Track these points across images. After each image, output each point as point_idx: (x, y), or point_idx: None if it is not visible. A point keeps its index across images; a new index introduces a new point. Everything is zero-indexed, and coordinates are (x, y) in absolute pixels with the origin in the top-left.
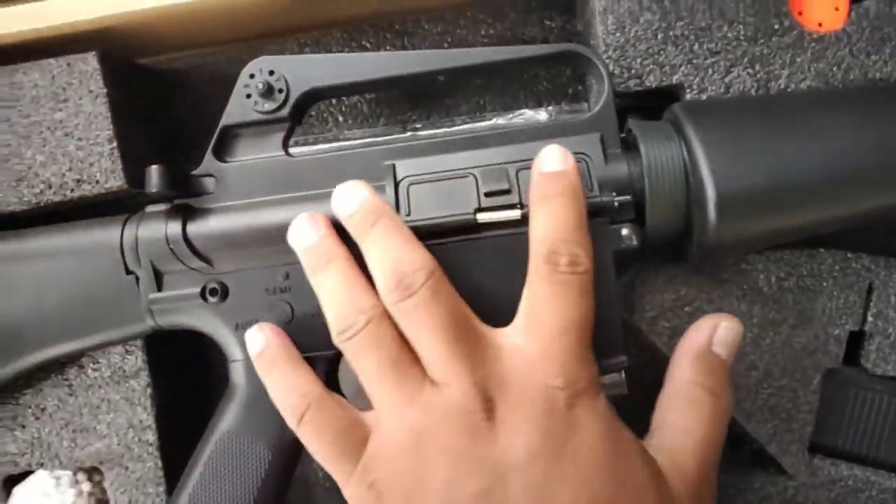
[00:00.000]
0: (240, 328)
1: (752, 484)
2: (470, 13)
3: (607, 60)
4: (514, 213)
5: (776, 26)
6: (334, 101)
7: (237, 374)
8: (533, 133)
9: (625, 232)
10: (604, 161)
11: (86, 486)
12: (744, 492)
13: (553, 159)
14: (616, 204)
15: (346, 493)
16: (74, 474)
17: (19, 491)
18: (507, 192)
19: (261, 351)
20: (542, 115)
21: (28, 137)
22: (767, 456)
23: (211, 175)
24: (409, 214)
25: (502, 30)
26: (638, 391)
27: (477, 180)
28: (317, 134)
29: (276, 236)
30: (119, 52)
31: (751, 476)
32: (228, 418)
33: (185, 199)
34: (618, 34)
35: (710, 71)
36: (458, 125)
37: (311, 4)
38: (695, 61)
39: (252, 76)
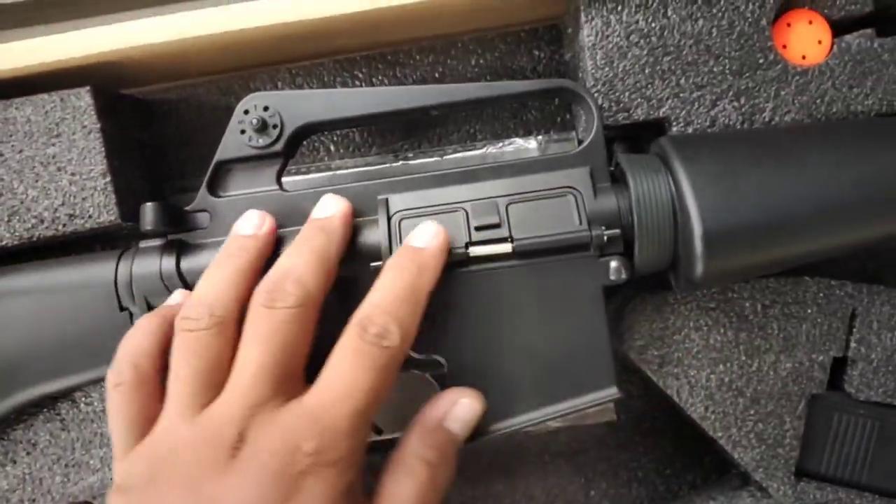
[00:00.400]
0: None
1: None
2: (460, 44)
3: (596, 94)
4: (505, 247)
5: (761, 60)
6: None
7: None
8: (524, 167)
9: (613, 265)
10: (593, 195)
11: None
12: None
13: (421, 236)
14: (605, 238)
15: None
16: None
17: None
18: (497, 226)
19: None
20: (531, 144)
21: (21, 172)
22: (754, 480)
23: (205, 210)
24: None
25: (492, 60)
26: (629, 419)
27: (468, 214)
28: (308, 163)
29: None
30: (111, 84)
31: (738, 500)
32: None
33: (179, 234)
34: (606, 69)
35: (696, 104)
36: (450, 154)
37: (301, 40)
38: (681, 95)
39: (246, 112)
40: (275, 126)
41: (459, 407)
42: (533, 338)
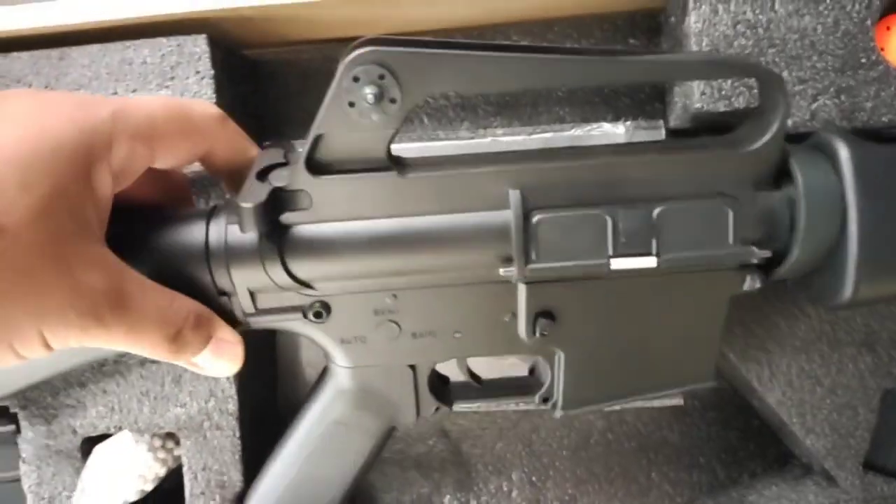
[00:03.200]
0: (345, 342)
1: (805, 495)
2: (558, 28)
3: (699, 81)
4: (649, 262)
5: (863, 60)
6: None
7: (344, 377)
8: (678, 165)
9: (748, 279)
10: (752, 205)
11: (162, 451)
12: (796, 501)
13: None
14: (754, 259)
15: None
16: (152, 438)
17: (99, 450)
18: (646, 238)
19: None
20: (619, 129)
21: None
22: (817, 471)
23: (304, 190)
24: (536, 259)
25: (588, 46)
26: (696, 406)
27: (615, 224)
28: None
29: (387, 263)
30: (222, 42)
31: (803, 487)
32: (337, 411)
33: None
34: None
35: (797, 97)
36: (538, 134)
37: (400, 6)
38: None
39: (356, 79)
40: (392, 100)
41: None
42: (649, 334)
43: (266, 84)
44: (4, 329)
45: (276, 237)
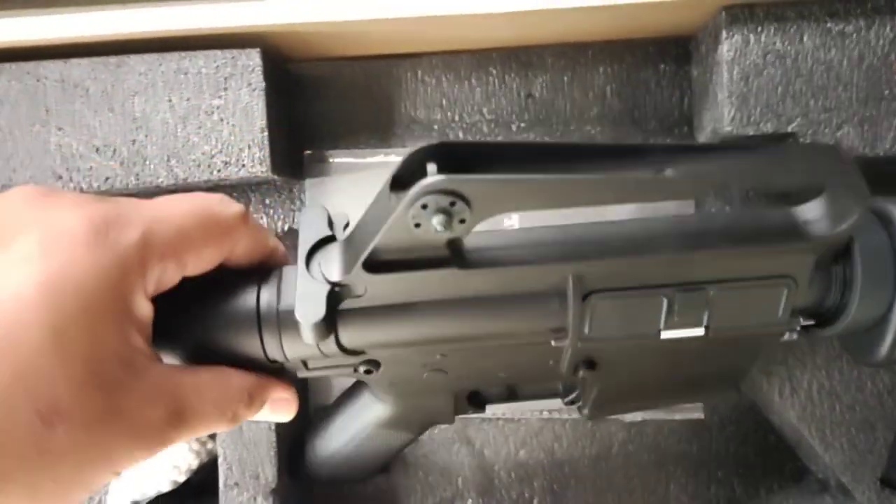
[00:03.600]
0: (392, 384)
1: None
2: (591, 51)
3: (730, 107)
4: (699, 332)
5: (886, 92)
6: None
7: (387, 402)
8: (742, 256)
9: (788, 334)
10: (808, 284)
11: (196, 443)
12: None
13: None
14: (800, 327)
15: None
16: None
17: None
18: (698, 317)
19: None
20: None
21: (185, 118)
22: (833, 486)
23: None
24: (588, 332)
25: (619, 70)
26: (716, 421)
27: (671, 304)
28: None
29: (439, 337)
30: (271, 56)
31: (820, 501)
32: (378, 419)
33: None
34: (742, 83)
35: (822, 125)
36: None
37: (441, 27)
38: (809, 115)
39: (425, 206)
40: (462, 221)
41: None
42: (683, 367)
43: (308, 97)
44: (82, 492)
45: (331, 321)
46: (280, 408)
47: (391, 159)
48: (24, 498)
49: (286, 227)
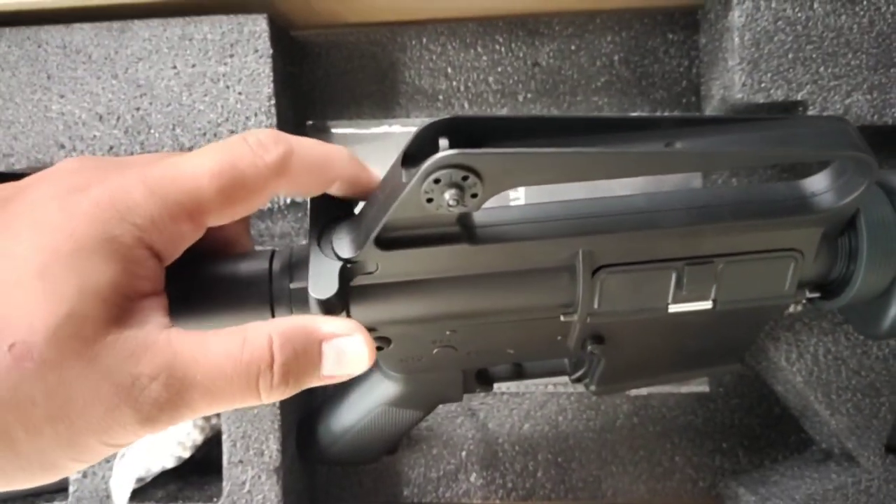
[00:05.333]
0: (402, 361)
1: (827, 475)
2: (599, 19)
3: (741, 73)
4: (706, 305)
5: (895, 59)
6: None
7: (395, 378)
8: (751, 229)
9: (793, 306)
10: (814, 257)
11: (200, 419)
12: (818, 480)
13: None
14: (806, 300)
15: None
16: None
17: None
18: (706, 291)
19: None
20: None
21: (191, 86)
22: (838, 455)
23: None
24: (598, 307)
25: (627, 38)
26: (721, 393)
27: (681, 278)
28: None
29: (449, 313)
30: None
31: (825, 468)
32: (388, 397)
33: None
34: (752, 49)
35: (832, 92)
36: None
37: None
38: (819, 82)
39: (437, 181)
40: (474, 195)
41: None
42: (689, 338)
43: (312, 64)
44: (61, 450)
45: (342, 297)
46: (347, 351)
47: (394, 130)
48: None
49: (288, 201)
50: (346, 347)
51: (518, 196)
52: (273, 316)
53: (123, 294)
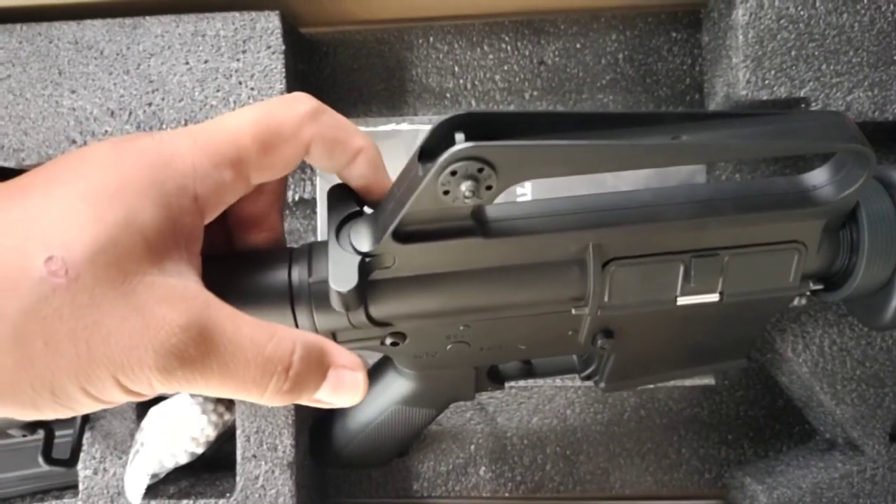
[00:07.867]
0: (416, 357)
1: (832, 463)
2: (603, 18)
3: (745, 70)
4: (713, 297)
5: (895, 57)
6: None
7: (409, 375)
8: (755, 222)
9: (797, 301)
10: (817, 249)
11: (214, 415)
12: (824, 469)
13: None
14: (810, 291)
15: None
16: (206, 401)
17: (154, 412)
18: (713, 283)
19: None
20: None
21: (203, 81)
22: (842, 444)
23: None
24: (608, 300)
25: (630, 37)
26: (726, 385)
27: (688, 270)
28: None
29: (464, 307)
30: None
31: (829, 456)
32: (401, 396)
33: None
34: (756, 47)
35: (834, 89)
36: None
37: None
38: (822, 79)
39: (454, 173)
40: (489, 187)
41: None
42: (696, 333)
43: (321, 63)
44: (73, 375)
45: (361, 290)
46: (344, 382)
47: (402, 128)
48: (10, 345)
49: (297, 198)
50: (346, 380)
51: (525, 192)
52: (293, 310)
53: (165, 240)
